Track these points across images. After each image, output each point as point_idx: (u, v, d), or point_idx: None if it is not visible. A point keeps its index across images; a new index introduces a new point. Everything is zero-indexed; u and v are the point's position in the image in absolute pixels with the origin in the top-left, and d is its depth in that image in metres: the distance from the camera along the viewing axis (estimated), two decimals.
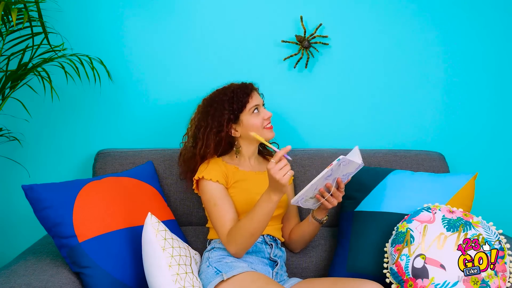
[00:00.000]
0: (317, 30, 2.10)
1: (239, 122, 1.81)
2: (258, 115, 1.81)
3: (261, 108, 1.83)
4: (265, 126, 1.81)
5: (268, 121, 1.83)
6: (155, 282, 1.55)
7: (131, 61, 2.10)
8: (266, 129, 1.81)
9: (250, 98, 1.81)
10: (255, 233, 1.64)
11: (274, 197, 1.60)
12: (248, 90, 1.82)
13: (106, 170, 1.96)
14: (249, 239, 1.66)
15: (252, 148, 1.87)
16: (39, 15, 1.85)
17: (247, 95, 1.81)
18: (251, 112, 1.81)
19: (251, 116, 1.80)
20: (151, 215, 1.61)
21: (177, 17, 2.10)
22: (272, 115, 1.84)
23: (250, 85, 1.85)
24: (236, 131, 1.82)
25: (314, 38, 2.11)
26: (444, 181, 1.90)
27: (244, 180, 1.80)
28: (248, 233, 1.64)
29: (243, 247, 1.67)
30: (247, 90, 1.82)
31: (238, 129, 1.82)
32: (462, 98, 2.22)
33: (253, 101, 1.81)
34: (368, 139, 2.20)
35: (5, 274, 1.53)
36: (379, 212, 1.84)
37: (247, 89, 1.82)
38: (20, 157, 2.10)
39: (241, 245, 1.67)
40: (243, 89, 1.82)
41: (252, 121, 1.80)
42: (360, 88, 2.18)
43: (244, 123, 1.80)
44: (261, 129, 1.81)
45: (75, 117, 2.11)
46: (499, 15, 2.19)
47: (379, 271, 1.77)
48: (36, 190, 1.59)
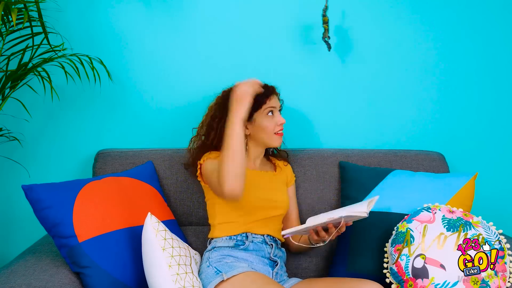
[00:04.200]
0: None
1: (252, 121, 1.81)
2: (272, 119, 1.81)
3: (276, 112, 1.83)
4: (276, 131, 1.81)
5: (281, 128, 1.82)
6: (155, 282, 1.55)
7: (131, 61, 2.10)
8: (276, 135, 1.81)
9: (268, 99, 1.81)
10: (234, 156, 1.58)
11: (233, 111, 1.59)
12: (268, 92, 1.81)
13: (106, 170, 1.96)
14: (232, 164, 1.58)
15: (259, 150, 1.87)
16: (39, 15, 1.85)
17: (266, 96, 1.80)
18: (265, 114, 1.80)
19: (265, 118, 1.80)
20: (151, 215, 1.61)
21: (177, 16, 2.10)
22: (285, 121, 1.83)
23: (271, 88, 1.85)
24: (246, 129, 1.82)
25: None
26: (444, 181, 1.90)
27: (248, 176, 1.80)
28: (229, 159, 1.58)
29: (231, 176, 1.58)
30: (267, 91, 1.81)
31: (249, 127, 1.82)
32: (462, 98, 2.22)
33: (270, 103, 1.81)
34: (368, 139, 2.20)
35: (5, 274, 1.53)
36: (379, 212, 1.84)
37: (268, 91, 1.82)
38: (20, 157, 2.10)
39: (229, 174, 1.58)
40: (265, 89, 1.80)
41: (265, 123, 1.80)
42: (360, 88, 2.18)
43: (256, 123, 1.80)
44: (272, 133, 1.81)
45: (75, 117, 2.11)
46: (500, 15, 2.19)
47: (379, 271, 1.77)
48: (36, 190, 1.59)
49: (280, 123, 1.81)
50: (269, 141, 1.82)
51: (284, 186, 1.92)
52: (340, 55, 2.16)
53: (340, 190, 2.02)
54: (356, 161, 2.05)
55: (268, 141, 1.82)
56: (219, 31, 2.11)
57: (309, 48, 2.14)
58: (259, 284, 1.58)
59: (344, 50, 2.16)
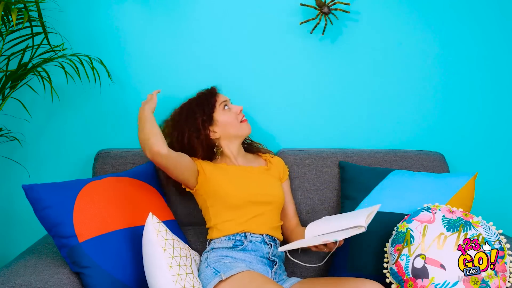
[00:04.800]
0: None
1: (214, 123, 1.86)
2: (230, 111, 1.88)
3: (230, 105, 1.90)
4: (240, 120, 1.88)
5: (242, 115, 1.89)
6: (155, 283, 1.55)
7: (131, 61, 2.10)
8: (242, 123, 1.87)
9: (216, 97, 1.89)
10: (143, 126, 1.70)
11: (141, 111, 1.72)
12: (212, 92, 1.91)
13: (106, 170, 1.96)
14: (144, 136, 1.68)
15: (235, 146, 1.90)
16: (39, 15, 1.85)
17: (212, 95, 1.89)
18: (222, 109, 1.87)
19: (223, 113, 1.86)
20: (152, 216, 1.61)
21: (177, 17, 2.10)
22: (243, 108, 1.91)
23: (212, 88, 1.93)
24: (214, 132, 1.86)
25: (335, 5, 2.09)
26: (444, 181, 1.90)
27: (234, 172, 1.83)
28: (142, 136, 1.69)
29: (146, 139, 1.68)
30: (211, 92, 1.91)
31: (216, 130, 1.86)
32: (462, 98, 2.22)
33: (220, 99, 1.89)
34: (368, 139, 2.20)
35: (5, 274, 1.53)
36: (379, 212, 1.84)
37: (211, 91, 1.91)
38: (20, 157, 2.10)
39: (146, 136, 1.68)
40: (207, 92, 1.91)
41: (227, 118, 1.86)
42: (360, 88, 2.18)
43: (220, 122, 1.86)
44: (237, 123, 1.87)
45: (75, 117, 2.11)
46: (499, 15, 2.19)
47: (379, 271, 1.77)
48: (36, 190, 1.59)
49: (239, 110, 1.89)
50: (239, 131, 1.87)
51: (277, 180, 1.92)
52: (340, 55, 2.16)
53: (340, 190, 2.02)
54: (356, 161, 2.05)
55: (238, 131, 1.87)
56: (218, 31, 2.11)
57: (309, 47, 2.14)
58: (257, 283, 1.57)
59: (344, 50, 2.16)
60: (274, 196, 1.84)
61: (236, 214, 1.78)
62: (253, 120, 2.14)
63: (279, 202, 1.86)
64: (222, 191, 1.78)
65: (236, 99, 2.05)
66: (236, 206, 1.78)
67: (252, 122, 2.13)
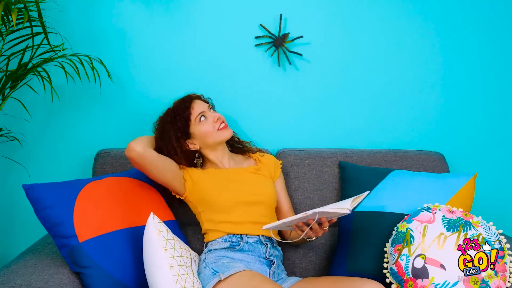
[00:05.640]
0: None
1: (192, 135, 1.83)
2: (206, 121, 1.82)
3: (208, 113, 1.84)
4: (218, 128, 1.82)
5: (219, 122, 1.83)
6: (156, 283, 1.55)
7: (131, 61, 2.10)
8: (220, 130, 1.82)
9: (191, 109, 1.82)
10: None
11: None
12: (187, 103, 1.84)
13: (106, 170, 1.96)
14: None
15: (219, 151, 1.88)
16: (39, 15, 1.85)
17: (187, 108, 1.82)
18: (198, 121, 1.82)
19: (200, 125, 1.82)
20: (154, 216, 1.61)
21: (177, 16, 2.10)
22: (220, 115, 1.84)
23: (188, 97, 1.87)
24: (194, 145, 1.84)
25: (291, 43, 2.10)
26: (444, 181, 1.90)
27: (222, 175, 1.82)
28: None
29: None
30: (185, 103, 1.84)
31: (195, 142, 1.84)
32: (462, 98, 2.22)
33: (194, 111, 1.82)
34: (368, 139, 2.20)
35: (5, 274, 1.52)
36: (379, 212, 1.84)
37: (186, 102, 1.84)
38: (20, 157, 2.10)
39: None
40: (182, 104, 1.84)
41: (204, 130, 1.81)
42: (360, 88, 2.18)
43: (196, 134, 1.82)
44: (215, 132, 1.82)
45: (75, 117, 2.11)
46: (500, 15, 2.19)
47: (379, 271, 1.77)
48: (37, 189, 1.59)
49: (216, 118, 1.83)
50: (218, 139, 1.83)
51: (269, 179, 1.91)
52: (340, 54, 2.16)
53: (340, 190, 2.02)
54: (356, 161, 2.05)
55: (217, 139, 1.83)
56: (219, 30, 2.11)
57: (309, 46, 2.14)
58: (255, 283, 1.57)
59: (344, 49, 2.16)
60: (265, 195, 1.83)
61: (228, 216, 1.78)
62: (253, 120, 2.14)
63: (271, 201, 1.86)
64: (209, 197, 1.78)
65: (236, 99, 2.05)
66: (226, 209, 1.78)
67: (252, 122, 2.13)
